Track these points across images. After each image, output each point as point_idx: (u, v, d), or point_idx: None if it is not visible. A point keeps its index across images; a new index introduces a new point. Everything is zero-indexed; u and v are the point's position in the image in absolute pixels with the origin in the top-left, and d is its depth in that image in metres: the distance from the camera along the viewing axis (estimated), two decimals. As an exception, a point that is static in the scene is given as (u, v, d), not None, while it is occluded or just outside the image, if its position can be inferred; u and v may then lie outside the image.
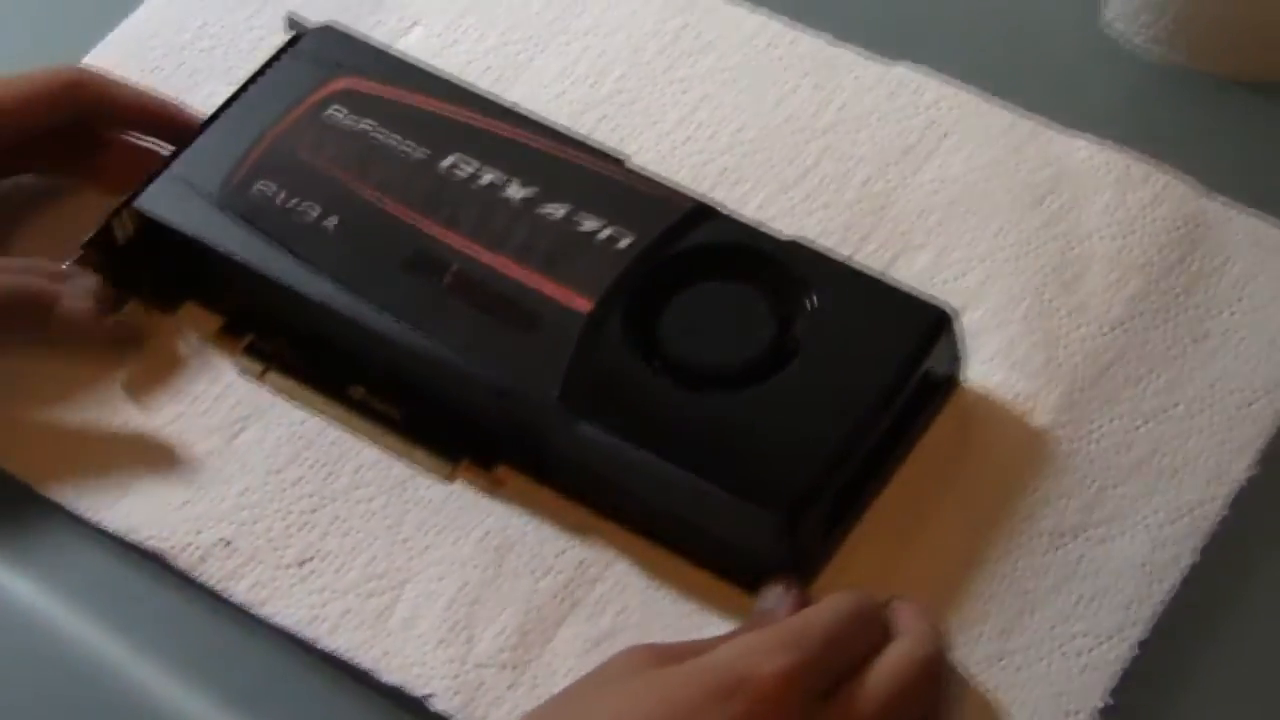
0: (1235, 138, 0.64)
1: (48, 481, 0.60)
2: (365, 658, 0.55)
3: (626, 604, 0.56)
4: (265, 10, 0.70)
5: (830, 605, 0.51)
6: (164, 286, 0.63)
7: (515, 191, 0.60)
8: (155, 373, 0.62)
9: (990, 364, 0.59)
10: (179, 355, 0.62)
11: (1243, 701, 0.54)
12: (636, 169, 0.61)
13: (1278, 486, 0.57)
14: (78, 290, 0.60)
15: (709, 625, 0.55)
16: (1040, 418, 0.58)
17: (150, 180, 0.62)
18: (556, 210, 0.59)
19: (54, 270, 0.61)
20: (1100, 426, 0.58)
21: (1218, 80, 0.66)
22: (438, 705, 0.54)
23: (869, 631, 0.51)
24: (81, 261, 0.62)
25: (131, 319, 0.62)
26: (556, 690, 0.54)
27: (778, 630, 0.51)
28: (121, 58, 0.70)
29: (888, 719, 0.49)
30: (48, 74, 0.63)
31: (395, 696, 0.55)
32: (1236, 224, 0.61)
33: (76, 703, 0.57)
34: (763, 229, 0.59)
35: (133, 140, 0.65)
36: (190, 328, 0.63)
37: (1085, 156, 0.63)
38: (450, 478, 0.59)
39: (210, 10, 0.71)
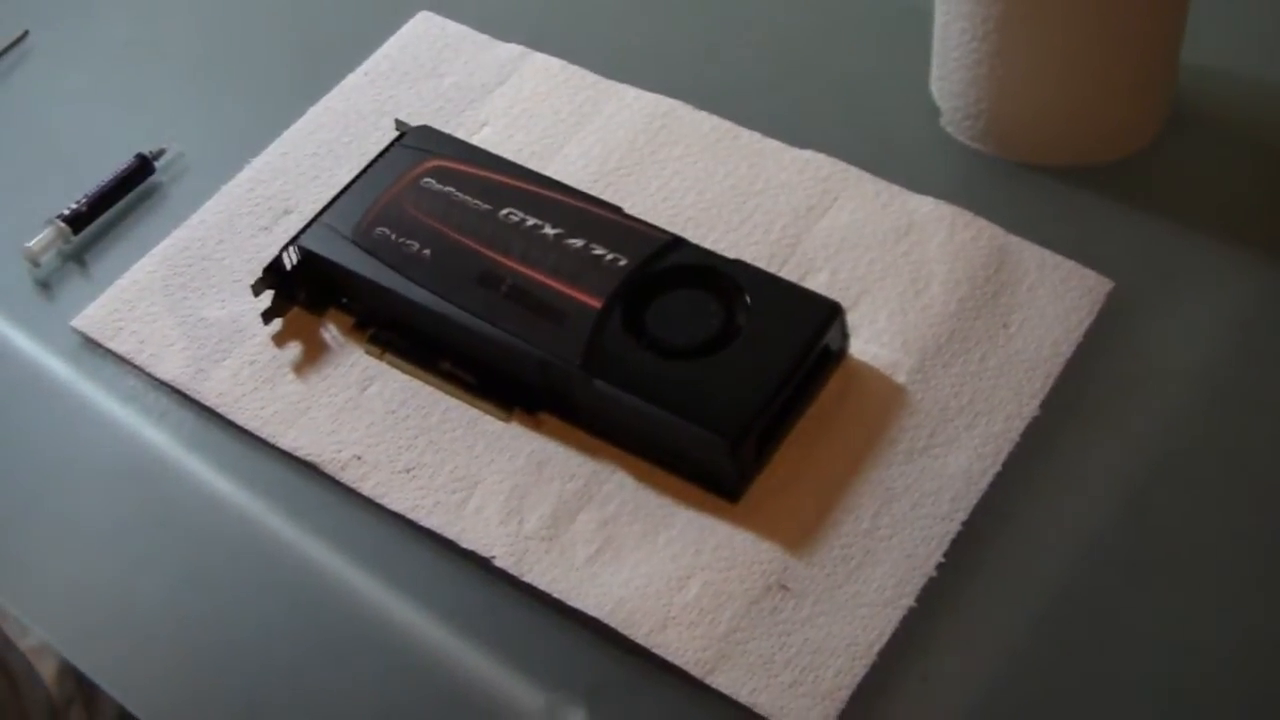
0: (1023, 198, 0.65)
1: (250, 420, 0.62)
2: (450, 532, 0.57)
3: (624, 499, 0.57)
4: (383, 121, 0.71)
5: None
6: (316, 297, 0.65)
7: (549, 231, 0.61)
8: (311, 354, 0.64)
9: (867, 343, 0.61)
10: (326, 343, 0.64)
11: (1025, 556, 0.55)
12: (630, 215, 0.62)
13: (1053, 423, 0.58)
14: None
15: (677, 511, 0.57)
16: (900, 377, 0.59)
17: (308, 226, 0.64)
18: (576, 242, 0.61)
19: None
20: (940, 383, 0.59)
21: (1013, 162, 0.67)
22: (498, 563, 0.56)
23: None
24: (261, 281, 0.64)
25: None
26: (578, 554, 0.56)
27: None
28: (291, 149, 0.71)
29: None
30: None
31: (470, 557, 0.57)
32: (1027, 253, 0.62)
33: (258, 550, 0.59)
34: (716, 254, 0.61)
35: None
36: (333, 324, 0.64)
37: (929, 210, 0.64)
38: (507, 419, 0.60)
39: (349, 118, 0.72)
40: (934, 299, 0.61)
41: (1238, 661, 0.52)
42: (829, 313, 0.58)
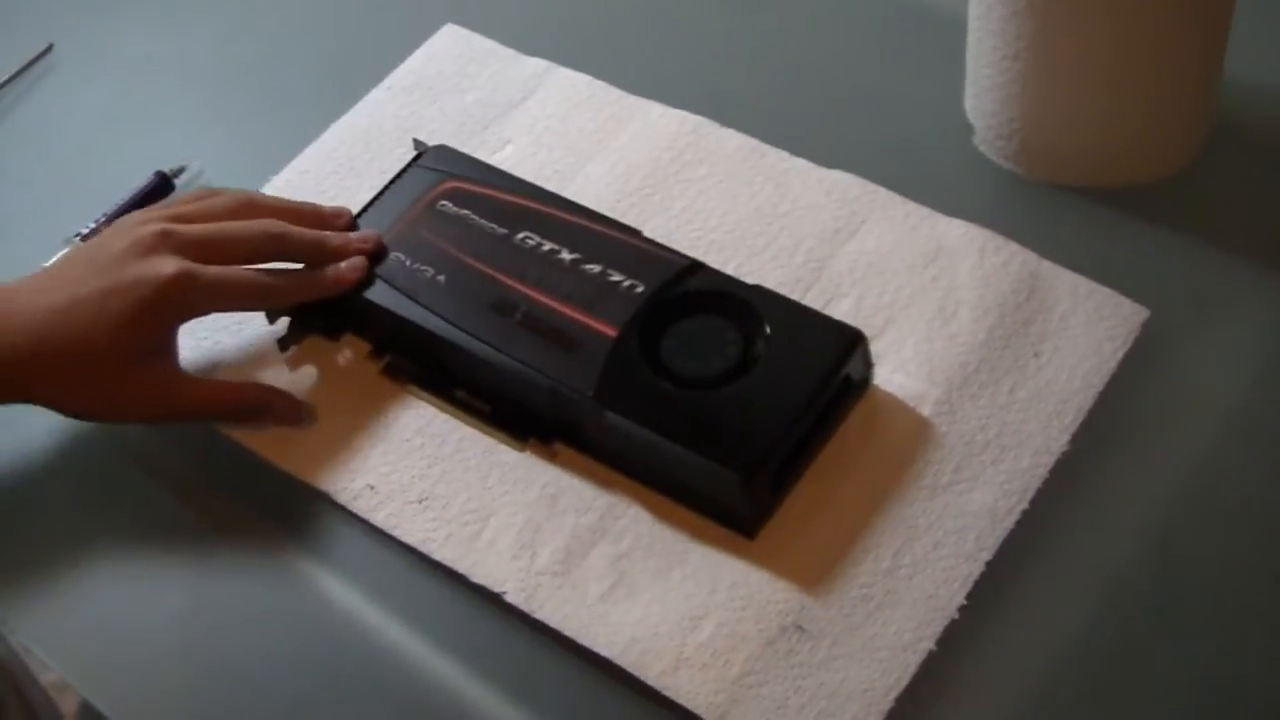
0: (1058, 221, 0.64)
1: (262, 448, 0.62)
2: (461, 565, 0.57)
3: (638, 533, 0.57)
4: (406, 138, 0.71)
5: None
6: (332, 323, 0.65)
7: (565, 256, 0.61)
8: (326, 381, 0.63)
9: (892, 373, 0.60)
10: (341, 369, 0.64)
11: (1050, 599, 0.54)
12: (649, 239, 0.62)
13: (1083, 459, 0.57)
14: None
15: (692, 548, 0.56)
16: (925, 409, 0.58)
17: (323, 250, 0.64)
18: (593, 268, 0.60)
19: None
20: (966, 415, 0.58)
21: (1046, 184, 0.66)
22: (509, 599, 0.56)
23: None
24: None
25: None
26: (590, 590, 0.55)
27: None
28: (311, 166, 0.71)
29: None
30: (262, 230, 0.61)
31: (480, 592, 0.56)
32: (1060, 279, 0.61)
33: (267, 580, 0.59)
34: (735, 279, 0.60)
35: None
36: (349, 350, 0.64)
37: (960, 234, 0.63)
38: (521, 449, 0.60)
39: (371, 135, 0.72)
40: (962, 327, 0.60)
41: (1270, 708, 0.51)
42: (850, 341, 0.58)
